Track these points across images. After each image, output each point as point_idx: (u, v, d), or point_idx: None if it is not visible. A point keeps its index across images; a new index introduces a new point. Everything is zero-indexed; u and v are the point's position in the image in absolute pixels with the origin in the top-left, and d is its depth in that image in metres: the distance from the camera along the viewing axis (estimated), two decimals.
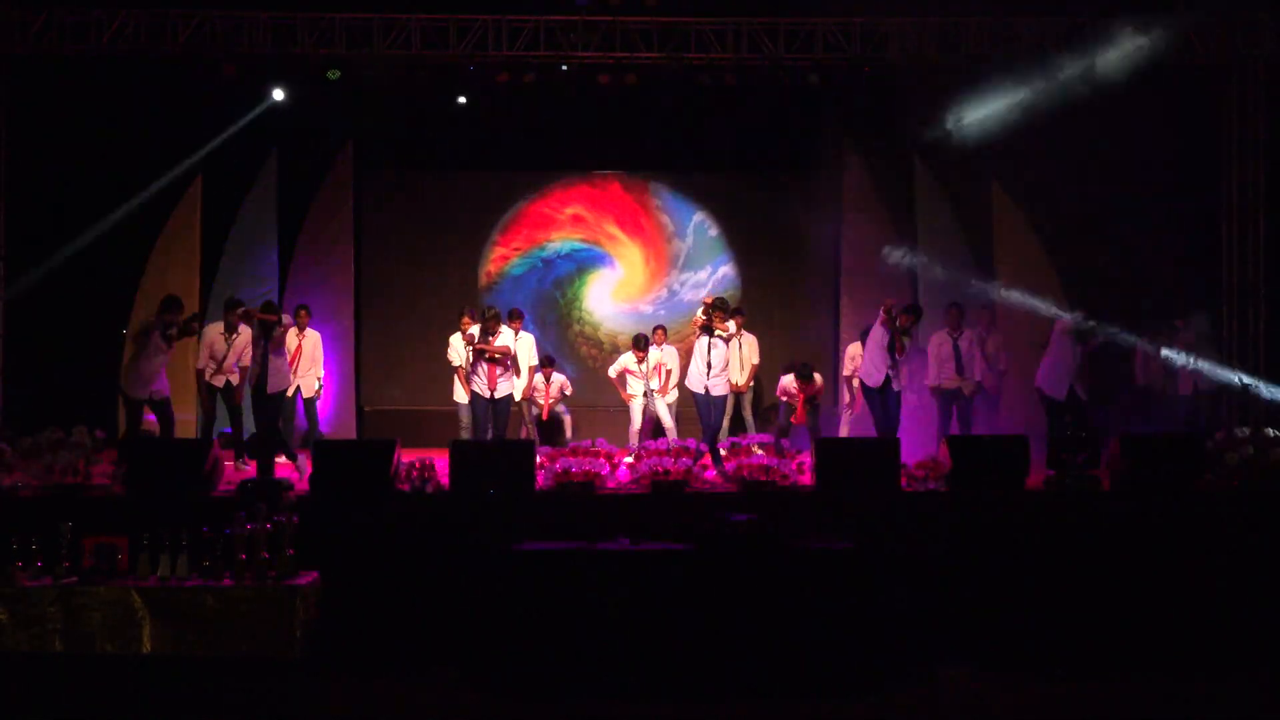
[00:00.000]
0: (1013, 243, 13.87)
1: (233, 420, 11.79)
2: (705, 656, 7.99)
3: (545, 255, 15.19)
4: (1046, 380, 11.88)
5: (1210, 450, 10.00)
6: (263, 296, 12.64)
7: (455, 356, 12.31)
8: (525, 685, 7.98)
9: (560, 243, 15.19)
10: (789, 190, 14.86)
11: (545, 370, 12.88)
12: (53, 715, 7.66)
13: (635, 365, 12.87)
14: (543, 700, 7.88)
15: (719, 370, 11.66)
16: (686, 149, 14.74)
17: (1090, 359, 12.00)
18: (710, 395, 11.70)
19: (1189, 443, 9.93)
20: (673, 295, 15.20)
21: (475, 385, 11.73)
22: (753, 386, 13.08)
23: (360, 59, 12.72)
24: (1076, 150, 12.92)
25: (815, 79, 12.99)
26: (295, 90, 13.08)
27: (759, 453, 10.87)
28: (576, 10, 12.70)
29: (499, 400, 11.71)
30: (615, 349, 14.29)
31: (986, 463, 9.68)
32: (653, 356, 12.84)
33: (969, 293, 13.28)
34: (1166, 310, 12.81)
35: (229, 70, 12.72)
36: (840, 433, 13.12)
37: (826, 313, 14.85)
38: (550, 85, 13.19)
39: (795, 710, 7.76)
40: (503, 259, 15.17)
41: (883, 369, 11.33)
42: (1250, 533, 9.10)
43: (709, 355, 11.62)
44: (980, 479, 9.56)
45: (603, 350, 14.86)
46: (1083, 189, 13.24)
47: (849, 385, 12.86)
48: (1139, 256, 12.86)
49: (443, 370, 12.66)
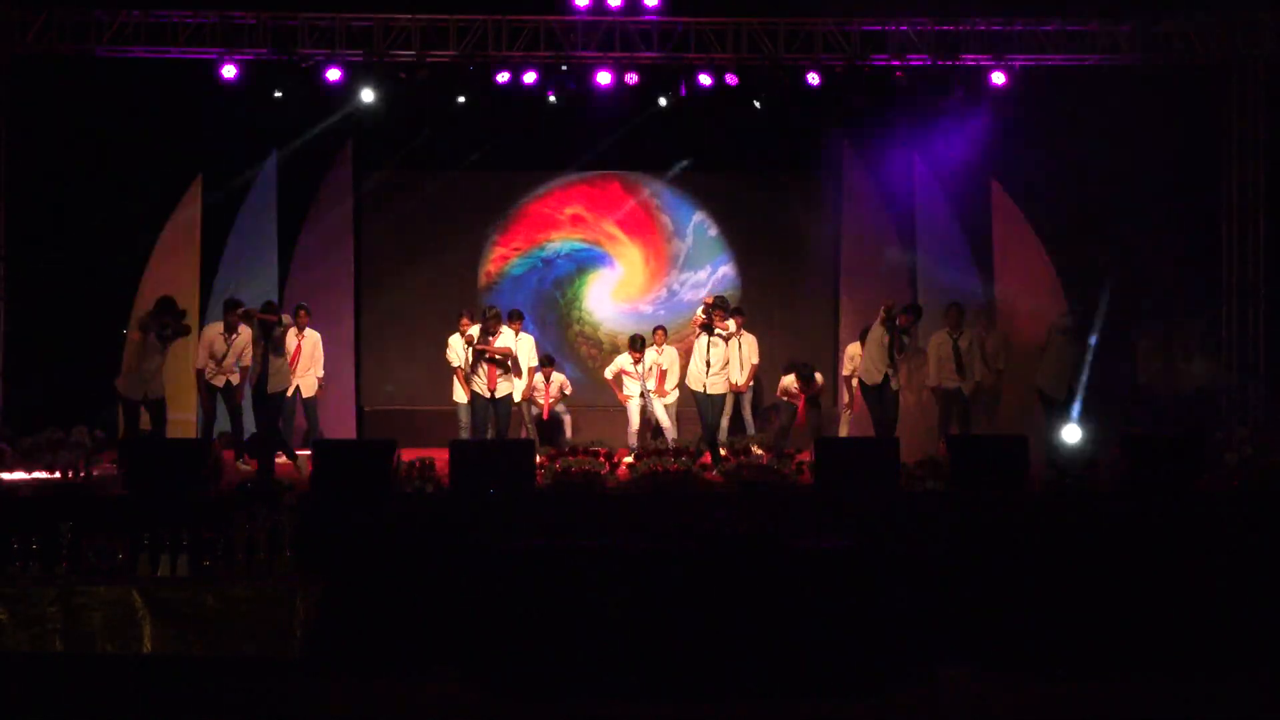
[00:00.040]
0: (1013, 243, 13.87)
1: (233, 420, 11.80)
2: (705, 656, 7.99)
3: (545, 255, 15.18)
4: (1046, 380, 11.88)
5: (1210, 450, 10.01)
6: (263, 296, 12.63)
7: (454, 358, 12.31)
8: (525, 685, 7.99)
9: (560, 243, 15.18)
10: (789, 190, 14.86)
11: (545, 370, 12.88)
12: (53, 715, 7.66)
13: (631, 366, 12.87)
14: (543, 700, 7.89)
15: (718, 369, 11.67)
16: (686, 149, 14.73)
17: (1090, 359, 12.00)
18: (709, 394, 11.72)
19: (1189, 443, 9.94)
20: (672, 295, 15.19)
21: (475, 385, 11.72)
22: (752, 386, 13.08)
23: (360, 59, 12.73)
24: (1076, 150, 12.93)
25: (815, 79, 12.99)
26: (295, 90, 13.07)
27: (759, 453, 10.88)
28: (576, 10, 12.69)
29: (499, 400, 11.70)
30: (615, 349, 14.28)
31: (986, 463, 9.70)
32: (649, 357, 12.83)
33: (969, 293, 13.30)
34: (1166, 310, 12.81)
35: (229, 70, 12.72)
36: (840, 433, 13.13)
37: (826, 313, 14.84)
38: (550, 85, 13.19)
39: (795, 710, 7.76)
40: (503, 259, 15.16)
41: (882, 368, 11.35)
42: (1250, 533, 9.10)
43: (708, 354, 11.63)
44: (980, 479, 9.58)
45: (603, 350, 14.85)
46: (1083, 189, 13.24)
47: (848, 385, 12.86)
48: (1139, 256, 12.87)
49: (443, 370, 12.67)
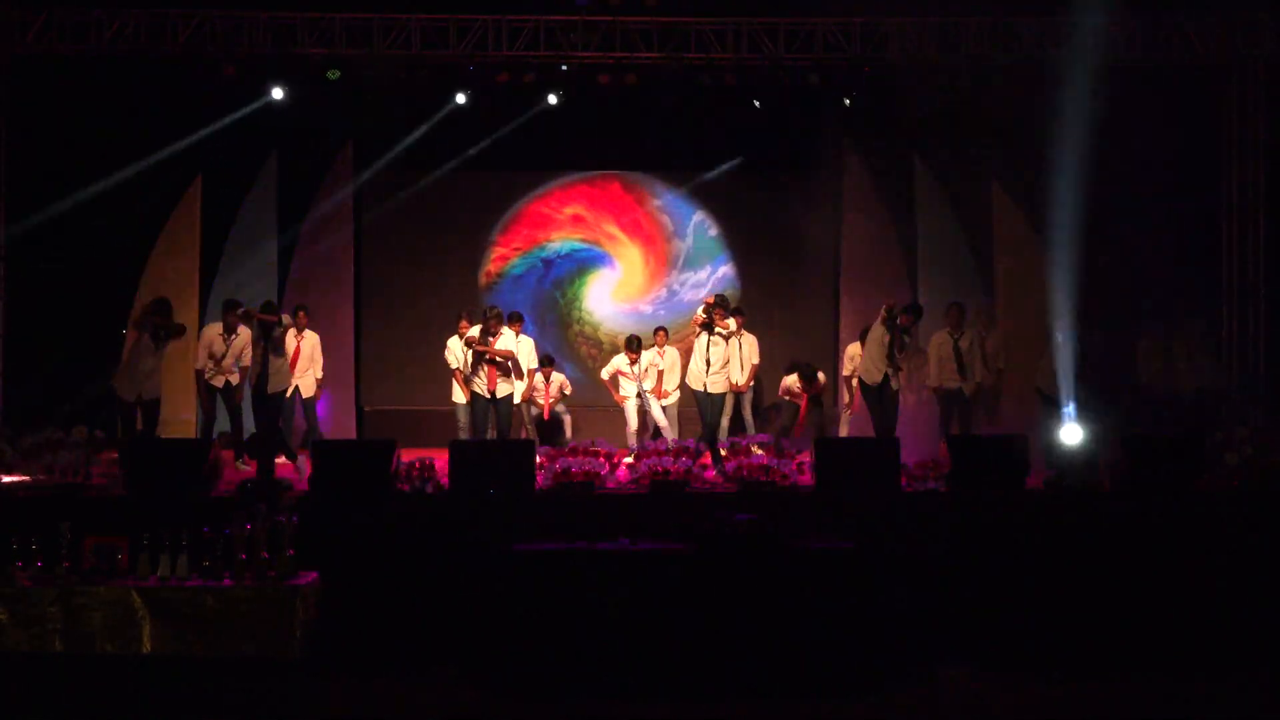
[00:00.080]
0: (1013, 243, 13.87)
1: (233, 420, 11.80)
2: (705, 656, 8.00)
3: (545, 255, 15.18)
4: (1046, 380, 11.87)
5: (1210, 450, 10.01)
6: (262, 297, 12.63)
7: (453, 360, 12.32)
8: (525, 685, 7.99)
9: (560, 243, 15.18)
10: (789, 190, 14.84)
11: (545, 370, 12.87)
12: (53, 715, 7.67)
13: (627, 367, 12.87)
14: (543, 700, 7.89)
15: (718, 368, 11.67)
16: (686, 149, 14.73)
17: (1089, 359, 11.99)
18: (709, 393, 11.72)
19: (1189, 443, 9.93)
20: (672, 295, 15.19)
21: (475, 387, 11.72)
22: (753, 386, 13.07)
23: (360, 59, 12.73)
24: (1076, 150, 12.91)
25: (815, 79, 12.99)
26: (295, 90, 13.08)
27: (759, 453, 10.88)
28: (576, 10, 12.71)
29: (500, 401, 11.69)
30: (615, 349, 14.26)
31: (986, 463, 9.68)
32: (645, 358, 12.84)
33: (969, 293, 13.28)
34: (1166, 310, 12.80)
35: (229, 70, 12.73)
36: (840, 433, 13.12)
37: (826, 313, 14.84)
38: (550, 85, 13.20)
39: (795, 710, 7.77)
40: (503, 259, 15.16)
41: (882, 368, 11.35)
42: (1250, 533, 9.10)
43: (708, 353, 11.63)
44: (980, 479, 9.56)
45: (603, 350, 14.85)
46: (1083, 189, 13.22)
47: (848, 385, 12.86)
48: (1139, 256, 12.86)
49: (443, 370, 12.67)
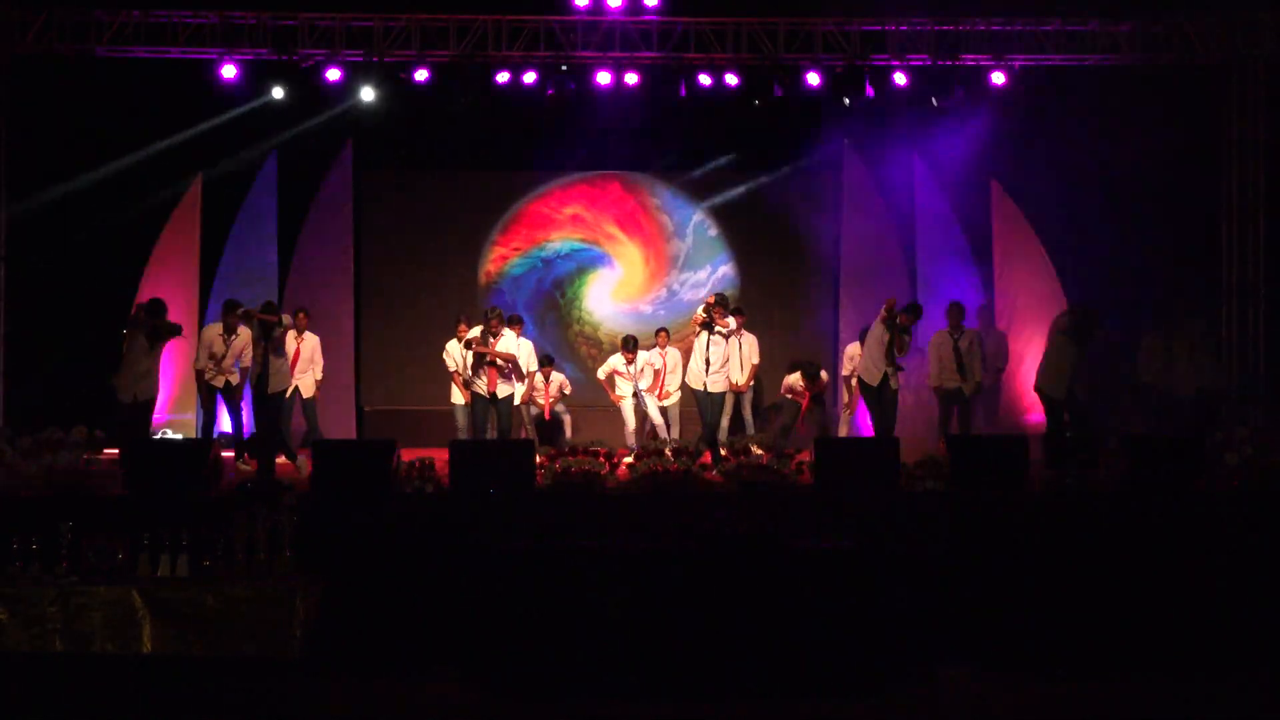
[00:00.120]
0: (1013, 243, 13.87)
1: (233, 420, 11.80)
2: (705, 656, 7.99)
3: (545, 255, 15.17)
4: (1046, 380, 11.88)
5: (1210, 450, 10.01)
6: (262, 297, 12.63)
7: (451, 363, 12.32)
8: (525, 685, 7.98)
9: (560, 243, 15.17)
10: (789, 190, 14.84)
11: (544, 370, 12.87)
12: (53, 715, 7.66)
13: (624, 367, 12.87)
14: (543, 700, 7.88)
15: (718, 367, 11.66)
16: (687, 149, 14.73)
17: (1089, 359, 12.00)
18: (709, 392, 11.72)
19: (1189, 443, 9.94)
20: (672, 295, 15.18)
21: (476, 388, 11.71)
22: (753, 386, 13.07)
23: (360, 59, 12.72)
24: (1076, 150, 12.93)
25: (815, 79, 12.99)
26: (295, 90, 13.07)
27: (759, 453, 10.87)
28: (576, 10, 12.69)
29: (500, 401, 11.69)
30: (615, 349, 14.24)
31: (986, 463, 9.69)
32: (641, 358, 12.84)
33: (969, 293, 13.29)
34: (1167, 310, 12.80)
35: (229, 70, 12.72)
36: (840, 433, 13.12)
37: (826, 313, 14.83)
38: (550, 85, 13.18)
39: (795, 710, 7.76)
40: (502, 259, 15.15)
41: (882, 367, 11.34)
42: (1250, 533, 9.09)
43: (708, 352, 11.63)
44: (980, 479, 9.57)
45: (603, 350, 14.83)
46: (1083, 189, 13.24)
47: (848, 385, 12.86)
48: (1139, 256, 12.87)
49: (443, 370, 12.67)
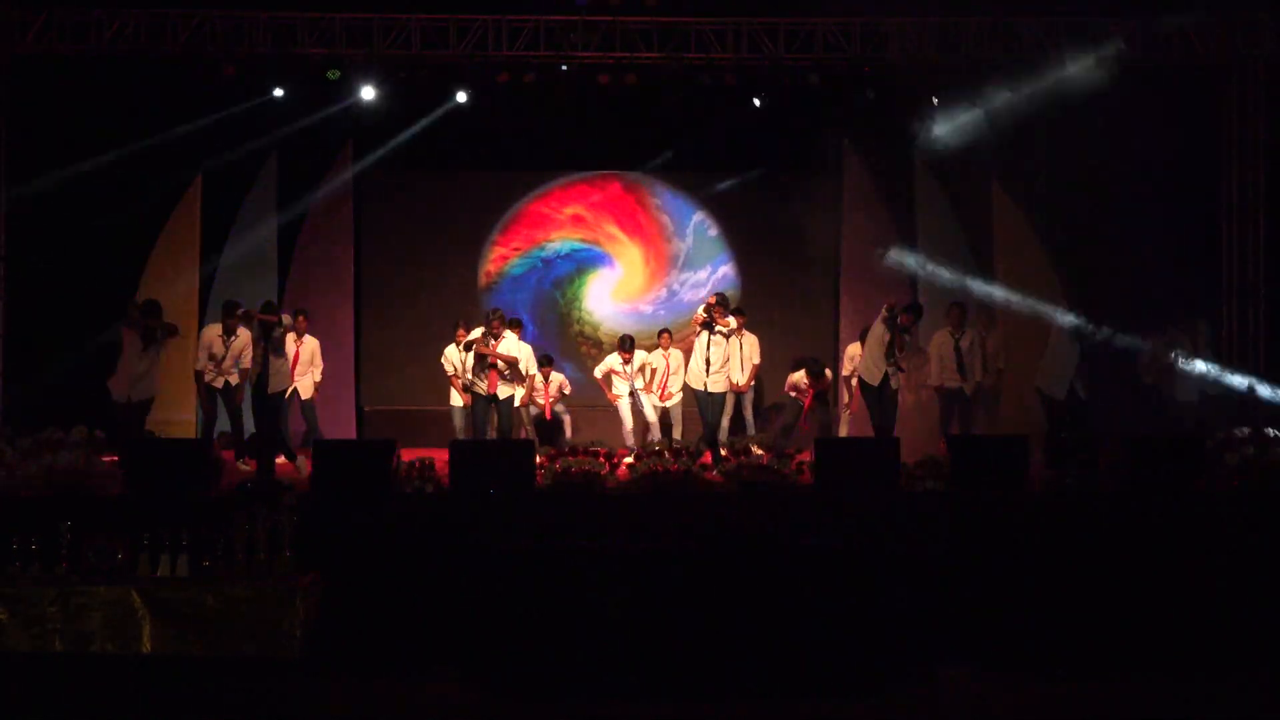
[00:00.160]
0: (1013, 243, 13.87)
1: (233, 420, 11.79)
2: (705, 656, 7.99)
3: (545, 255, 15.17)
4: (1046, 380, 11.88)
5: (1210, 450, 10.01)
6: (262, 297, 12.62)
7: (449, 368, 12.33)
8: (525, 685, 7.99)
9: (560, 243, 15.17)
10: (789, 190, 14.82)
11: (544, 370, 12.87)
12: (53, 715, 7.66)
13: (620, 366, 12.88)
14: (543, 700, 7.89)
15: (718, 367, 11.67)
16: (686, 149, 14.73)
17: (1090, 359, 11.99)
18: (710, 392, 11.72)
19: (1189, 443, 9.94)
20: (672, 295, 15.18)
21: (477, 389, 11.70)
22: (754, 386, 13.07)
23: (360, 59, 12.73)
24: (1076, 150, 12.92)
25: (815, 79, 12.99)
26: (295, 90, 13.07)
27: (759, 453, 10.87)
28: (576, 10, 12.70)
29: (501, 401, 11.68)
30: (615, 349, 14.29)
31: (986, 463, 9.69)
32: (638, 358, 12.85)
33: (969, 293, 13.28)
34: (1166, 310, 12.80)
35: (229, 70, 12.72)
36: (840, 433, 13.12)
37: (826, 313, 14.84)
38: (550, 85, 13.19)
39: (795, 710, 7.76)
40: (502, 259, 15.15)
41: (882, 367, 11.34)
42: (1250, 533, 9.10)
43: (708, 351, 11.64)
44: (980, 479, 9.57)
45: (602, 350, 14.81)
46: (1083, 189, 13.23)
47: (848, 385, 12.85)
48: (1139, 256, 12.86)
49: (443, 371, 12.66)
